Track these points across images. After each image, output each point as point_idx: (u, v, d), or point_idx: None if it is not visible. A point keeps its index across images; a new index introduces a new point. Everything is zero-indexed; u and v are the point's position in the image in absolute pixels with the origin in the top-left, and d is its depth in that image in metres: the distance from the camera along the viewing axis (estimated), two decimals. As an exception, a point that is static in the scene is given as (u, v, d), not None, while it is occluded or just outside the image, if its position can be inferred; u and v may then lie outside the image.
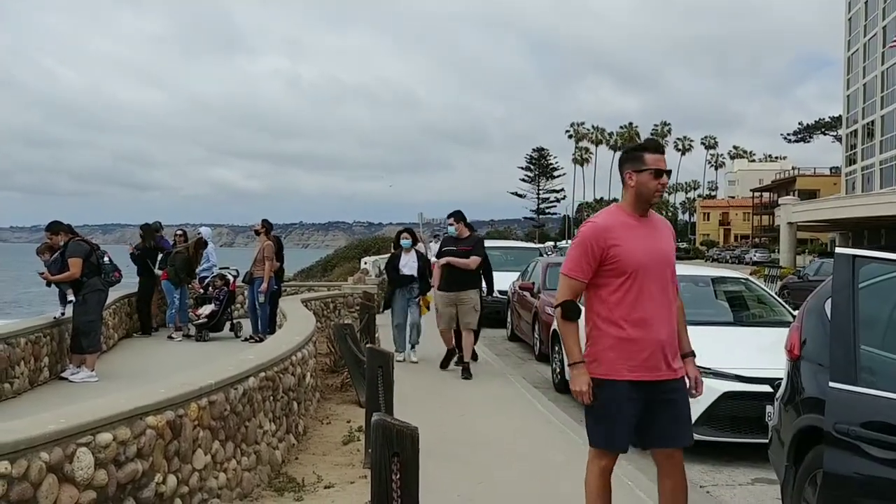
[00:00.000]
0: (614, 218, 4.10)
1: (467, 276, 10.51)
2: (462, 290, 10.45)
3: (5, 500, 3.36)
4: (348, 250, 45.64)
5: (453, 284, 10.46)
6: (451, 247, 10.71)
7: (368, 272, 23.56)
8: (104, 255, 9.92)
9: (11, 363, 8.82)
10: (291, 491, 5.58)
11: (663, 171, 4.05)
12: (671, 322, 4.09)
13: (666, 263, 4.08)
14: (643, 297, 4.00)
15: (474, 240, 10.89)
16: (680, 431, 4.13)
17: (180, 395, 4.71)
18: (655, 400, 4.04)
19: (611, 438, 4.15)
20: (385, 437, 3.29)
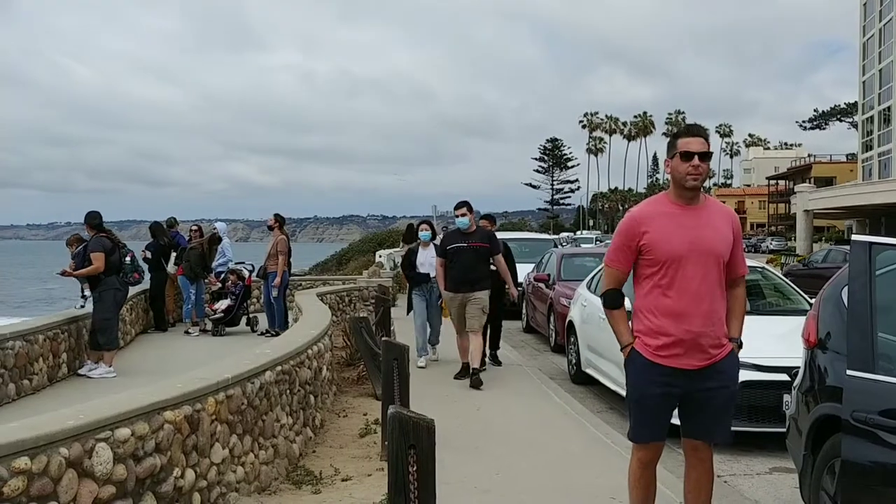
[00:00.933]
0: (654, 207, 4.07)
1: (478, 273, 9.35)
2: (471, 290, 9.32)
3: (26, 496, 3.39)
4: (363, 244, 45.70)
5: (462, 284, 9.33)
6: (458, 243, 9.39)
7: (383, 265, 23.61)
8: (128, 254, 9.94)
9: (30, 360, 8.89)
10: (309, 484, 5.60)
11: (693, 154, 3.92)
12: (713, 313, 3.97)
13: (709, 253, 3.93)
14: (678, 287, 3.94)
15: (487, 234, 9.70)
16: (710, 426, 4.09)
17: (197, 389, 4.74)
18: (694, 390, 4.01)
19: (641, 428, 4.17)
20: (401, 430, 3.30)
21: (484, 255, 9.43)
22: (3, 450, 3.33)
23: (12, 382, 8.46)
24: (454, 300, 9.44)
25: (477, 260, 9.36)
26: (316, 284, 18.94)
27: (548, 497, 5.31)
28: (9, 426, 3.66)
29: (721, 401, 4.05)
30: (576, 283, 11.51)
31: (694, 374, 3.98)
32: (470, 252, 9.34)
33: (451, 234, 9.78)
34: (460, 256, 9.33)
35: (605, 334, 8.87)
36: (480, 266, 9.39)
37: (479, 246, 9.40)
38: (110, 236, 10.00)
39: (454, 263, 9.36)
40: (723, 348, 4.02)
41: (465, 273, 9.30)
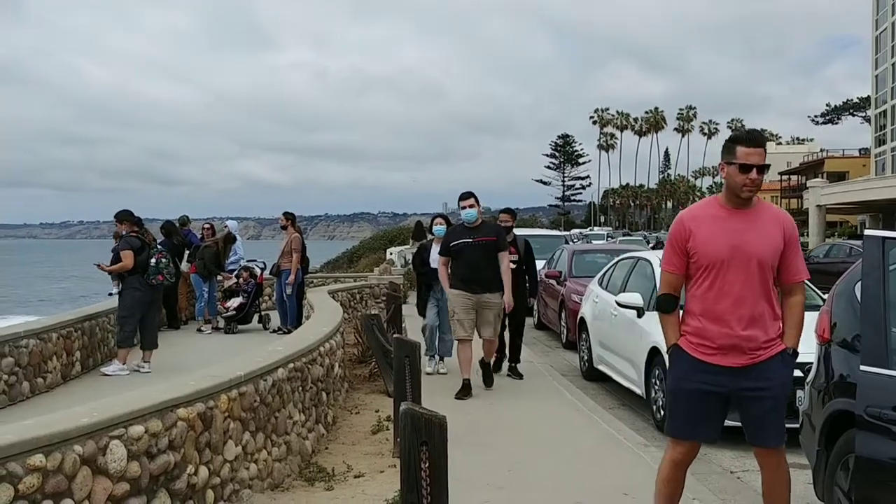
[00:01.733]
0: (703, 210, 4.13)
1: (489, 272, 8.39)
2: (482, 290, 8.39)
3: (41, 493, 3.41)
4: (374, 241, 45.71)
5: (475, 283, 8.37)
6: (463, 239, 8.47)
7: (394, 263, 23.63)
8: (155, 255, 9.92)
9: (44, 358, 8.94)
10: (322, 481, 5.62)
11: (752, 167, 3.92)
12: (755, 317, 3.96)
13: (751, 257, 3.94)
14: (719, 290, 3.98)
15: (494, 228, 8.86)
16: (759, 429, 4.05)
17: (210, 387, 4.76)
18: (738, 389, 4.01)
19: (673, 423, 4.19)
20: (413, 426, 3.31)
21: (493, 252, 8.47)
22: (18, 447, 3.34)
23: (26, 381, 8.51)
24: (460, 298, 8.40)
25: (485, 257, 8.41)
26: (327, 282, 18.98)
27: (560, 493, 5.31)
28: (23, 424, 3.68)
29: (766, 403, 4.00)
30: (587, 280, 11.50)
31: (737, 372, 3.98)
32: (476, 249, 8.40)
33: (455, 229, 8.85)
34: (466, 254, 8.43)
35: (616, 331, 8.87)
36: (490, 264, 8.41)
37: (486, 241, 8.44)
38: (140, 236, 10.03)
39: (459, 262, 8.49)
40: (767, 350, 3.99)
41: (471, 271, 8.38)
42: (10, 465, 3.29)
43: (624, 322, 8.51)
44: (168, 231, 14.28)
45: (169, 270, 10.01)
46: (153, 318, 10.24)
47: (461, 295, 8.41)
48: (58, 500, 3.49)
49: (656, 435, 7.27)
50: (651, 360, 7.65)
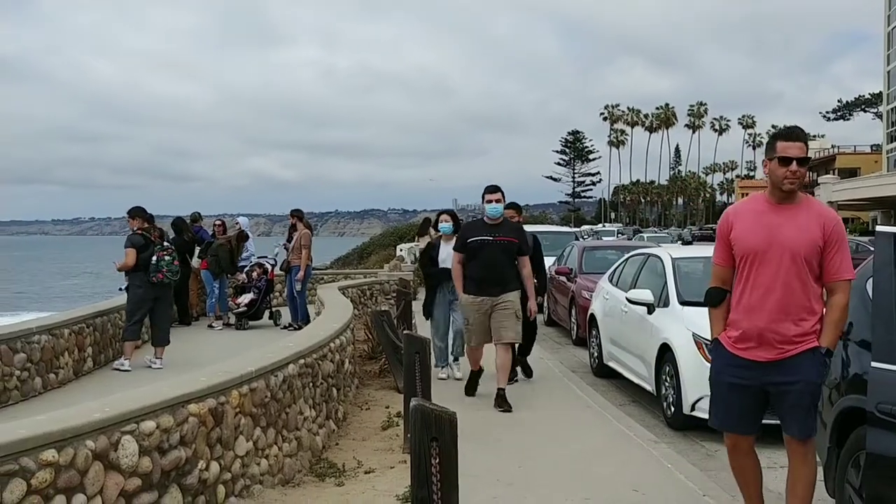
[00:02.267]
0: (747, 205, 4.30)
1: (506, 273, 7.82)
2: (499, 292, 7.76)
3: (53, 488, 3.43)
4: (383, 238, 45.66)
5: (487, 285, 7.75)
6: (482, 235, 7.84)
7: (404, 259, 23.63)
8: (157, 252, 9.93)
9: (56, 354, 8.99)
10: (332, 476, 5.64)
11: (791, 159, 4.05)
12: (784, 310, 4.06)
13: (785, 250, 4.04)
14: (752, 283, 4.13)
15: (516, 228, 8.18)
16: (788, 421, 4.14)
17: (221, 382, 4.77)
18: (767, 383, 4.12)
19: (714, 415, 4.40)
20: (424, 422, 3.31)
21: (512, 254, 7.90)
22: (31, 442, 3.37)
23: (38, 376, 8.56)
24: (474, 305, 7.81)
25: (504, 258, 7.84)
26: (337, 278, 19.00)
27: (570, 490, 5.31)
28: (36, 419, 3.70)
29: (791, 398, 4.08)
30: (597, 276, 11.48)
31: (767, 366, 4.10)
32: (496, 248, 7.80)
33: (474, 224, 8.21)
34: (484, 252, 7.78)
35: (627, 327, 8.86)
36: (508, 265, 7.87)
37: (508, 241, 7.84)
38: (146, 233, 10.05)
39: (475, 261, 7.82)
40: (798, 345, 4.06)
41: (490, 272, 7.75)
42: (23, 460, 3.32)
43: (634, 319, 8.50)
44: (178, 227, 14.31)
45: (171, 268, 9.99)
46: (163, 314, 10.25)
47: (473, 303, 7.81)
48: (70, 496, 3.52)
49: (667, 432, 7.27)
50: (661, 356, 7.64)
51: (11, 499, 3.24)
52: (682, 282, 8.12)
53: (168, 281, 10.06)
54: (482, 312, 7.77)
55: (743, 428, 4.28)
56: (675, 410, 7.26)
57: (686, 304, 7.66)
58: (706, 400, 6.81)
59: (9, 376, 8.02)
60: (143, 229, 10.07)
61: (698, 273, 8.69)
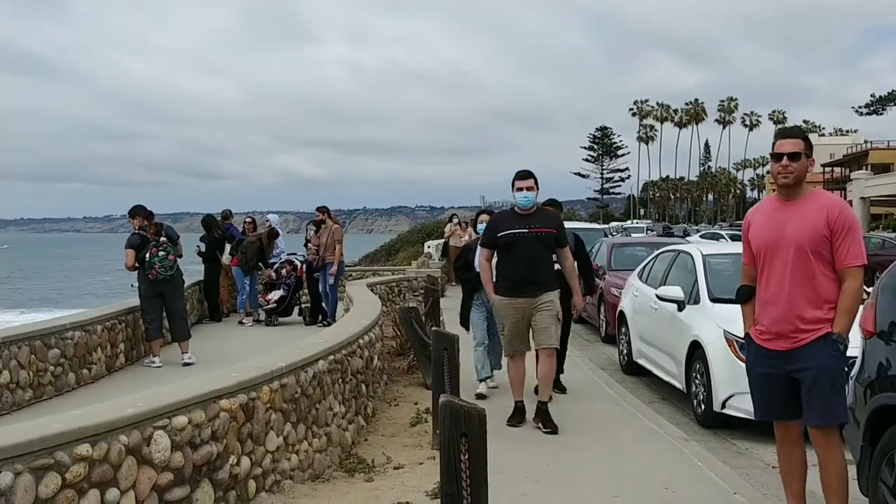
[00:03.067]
0: (763, 205, 4.56)
1: (544, 270, 6.84)
2: (539, 291, 6.78)
3: (87, 482, 3.48)
4: (411, 235, 45.74)
5: (522, 286, 6.76)
6: (514, 228, 6.82)
7: (432, 256, 23.66)
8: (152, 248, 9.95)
9: (89, 350, 9.10)
10: (362, 472, 5.66)
11: (782, 155, 4.27)
12: (794, 301, 4.22)
13: (791, 243, 4.22)
14: (766, 276, 4.35)
15: (552, 218, 7.10)
16: (806, 409, 4.25)
17: (252, 378, 4.81)
18: (789, 372, 4.28)
19: (755, 408, 4.59)
20: (453, 418, 3.31)
21: (549, 246, 6.90)
22: (66, 437, 3.42)
23: (72, 372, 8.67)
24: (509, 309, 6.81)
25: (542, 251, 6.85)
26: (366, 275, 19.07)
27: (600, 487, 5.29)
28: (70, 414, 3.76)
29: (809, 384, 4.21)
30: (627, 273, 11.42)
31: (785, 355, 4.28)
32: (531, 241, 6.77)
33: (503, 216, 7.20)
34: (517, 247, 6.78)
35: (656, 324, 8.81)
36: (546, 260, 6.88)
37: (544, 232, 6.82)
38: (143, 231, 10.11)
39: (508, 257, 6.85)
40: (810, 334, 4.21)
41: (526, 270, 6.74)
42: (58, 454, 3.37)
43: (664, 316, 8.45)
44: (208, 225, 14.44)
45: (164, 263, 9.95)
46: (175, 309, 10.30)
47: (509, 305, 6.79)
48: (103, 490, 3.56)
49: (697, 429, 7.22)
50: (691, 354, 7.59)
51: (47, 492, 3.29)
52: (712, 279, 8.06)
53: (163, 276, 9.99)
54: (520, 316, 6.77)
55: (784, 413, 4.39)
56: (706, 408, 7.21)
57: (716, 301, 7.60)
58: (737, 397, 6.79)
59: (43, 371, 8.14)
60: (142, 227, 10.15)
61: (729, 270, 8.62)
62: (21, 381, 7.76)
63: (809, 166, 4.32)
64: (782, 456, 4.53)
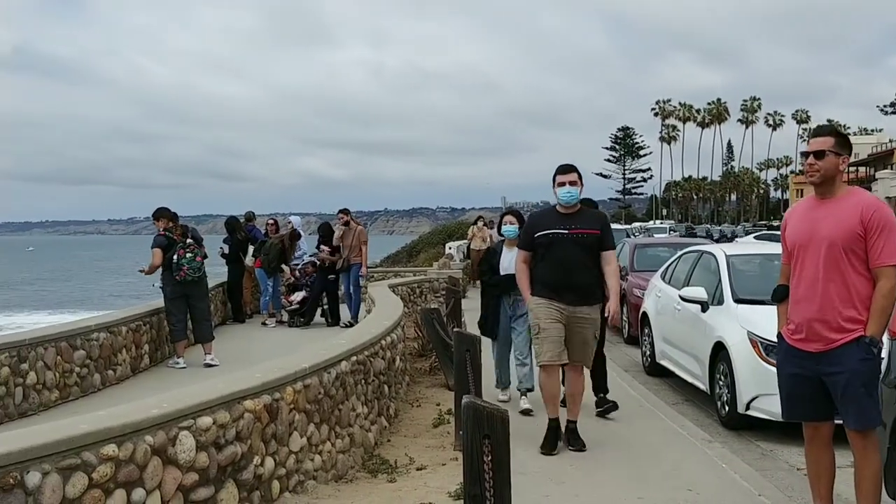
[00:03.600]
0: (800, 203, 4.51)
1: (587, 274, 6.12)
2: (580, 302, 6.10)
3: (113, 482, 3.51)
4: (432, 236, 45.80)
5: (568, 291, 6.07)
6: (554, 228, 6.14)
7: (453, 257, 23.67)
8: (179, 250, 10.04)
9: (114, 351, 9.18)
10: (384, 472, 5.67)
11: (808, 153, 4.26)
12: (828, 301, 4.15)
13: (822, 242, 4.17)
14: (798, 274, 4.31)
15: (598, 218, 6.43)
16: (842, 411, 4.18)
17: (276, 379, 4.84)
18: (820, 374, 4.20)
19: (783, 407, 4.49)
20: (476, 420, 3.31)
21: (592, 249, 6.16)
22: (92, 437, 3.45)
23: (97, 373, 8.75)
24: (547, 308, 6.11)
25: (583, 255, 6.12)
26: (387, 276, 19.10)
27: (622, 489, 5.27)
28: (96, 414, 3.80)
29: (841, 387, 4.13)
30: (649, 274, 11.37)
31: (817, 356, 4.20)
32: (572, 244, 6.09)
33: (543, 214, 6.50)
34: (557, 250, 6.10)
35: (680, 325, 8.76)
36: (587, 265, 6.14)
37: (586, 234, 6.13)
38: (169, 232, 10.19)
39: (546, 261, 6.15)
40: (844, 336, 4.13)
41: (566, 275, 6.06)
42: (85, 454, 3.40)
43: (688, 317, 8.40)
44: (231, 227, 14.52)
45: (192, 265, 10.03)
46: (200, 311, 10.37)
47: (548, 304, 6.12)
48: (129, 490, 3.60)
49: (720, 430, 7.17)
50: (715, 355, 7.54)
51: (74, 492, 3.33)
52: (736, 279, 8.00)
53: (191, 278, 10.08)
54: (557, 316, 6.09)
55: (814, 414, 4.31)
56: (730, 409, 7.16)
57: (741, 302, 7.55)
58: (761, 399, 6.75)
59: (69, 373, 8.21)
60: (168, 229, 10.21)
61: (753, 270, 8.56)
62: (48, 382, 7.84)
63: (842, 164, 4.23)
64: (811, 458, 4.45)
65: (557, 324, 6.08)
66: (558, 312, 6.09)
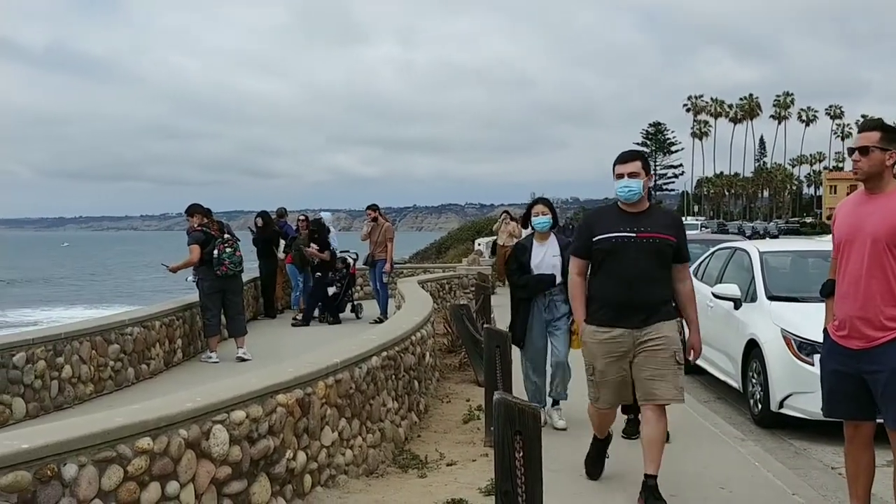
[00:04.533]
0: (850, 198, 4.43)
1: (658, 288, 4.89)
2: (650, 320, 4.83)
3: (148, 475, 3.55)
4: (461, 232, 45.83)
5: (628, 311, 4.82)
6: (618, 231, 4.85)
7: (482, 253, 23.65)
8: (218, 246, 10.13)
9: (147, 345, 9.28)
10: (415, 468, 5.68)
11: (853, 149, 4.20)
12: (871, 297, 4.07)
13: (868, 237, 4.09)
14: (843, 270, 4.23)
15: (672, 220, 5.13)
16: (882, 409, 4.11)
17: (308, 373, 4.86)
18: (861, 372, 4.14)
19: (824, 404, 4.41)
20: (507, 416, 3.32)
21: (665, 258, 4.88)
22: (128, 430, 3.49)
23: (131, 367, 8.85)
24: (602, 345, 4.87)
25: (656, 267, 4.84)
26: (416, 272, 19.13)
27: (654, 486, 5.23)
28: (131, 408, 3.84)
29: (881, 386, 4.06)
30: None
31: (859, 354, 4.12)
32: (640, 250, 4.80)
33: (603, 213, 5.16)
34: (619, 259, 4.83)
35: (712, 323, 8.69)
36: (660, 277, 4.88)
37: (659, 239, 4.84)
38: (206, 228, 10.27)
39: (605, 272, 4.89)
40: (886, 333, 4.05)
41: (631, 290, 4.78)
42: (120, 447, 3.44)
43: (720, 314, 8.33)
44: (264, 222, 14.62)
45: (233, 259, 10.14)
46: (235, 306, 10.45)
47: (602, 340, 4.84)
48: (164, 483, 3.63)
49: (753, 429, 7.11)
50: (748, 352, 7.48)
51: (109, 484, 3.37)
52: (769, 276, 7.93)
53: (232, 273, 10.20)
54: (618, 354, 4.82)
55: (855, 412, 4.22)
56: (763, 407, 7.10)
57: (774, 300, 7.48)
58: (794, 397, 6.69)
59: (103, 366, 8.32)
60: (203, 225, 10.29)
61: (786, 267, 8.48)
62: (82, 376, 7.94)
63: (888, 159, 4.11)
64: (850, 457, 4.36)
65: (618, 363, 4.82)
66: (620, 344, 4.80)
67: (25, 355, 7.19)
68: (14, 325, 31.19)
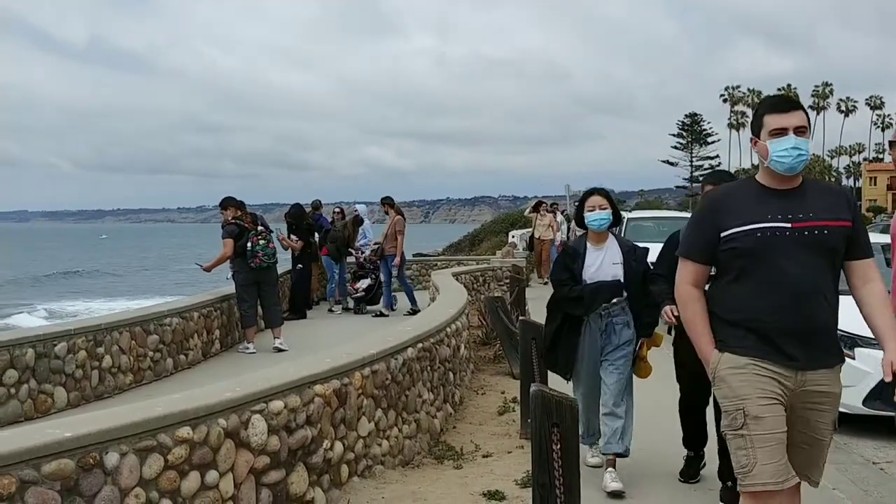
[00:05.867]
0: None
1: (827, 307, 3.22)
2: (820, 362, 3.21)
3: (188, 464, 3.59)
4: (495, 224, 45.74)
5: (798, 338, 3.17)
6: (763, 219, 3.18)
7: (516, 245, 23.58)
8: (252, 238, 10.19)
9: (186, 336, 9.38)
10: (450, 459, 5.69)
11: (893, 142, 4.11)
12: None
13: None
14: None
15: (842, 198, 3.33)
16: None
17: (345, 364, 4.89)
18: None
19: None
20: (544, 408, 3.31)
21: (837, 256, 3.27)
22: (168, 420, 3.53)
23: (170, 357, 8.96)
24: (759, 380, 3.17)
25: (824, 269, 3.22)
26: (450, 264, 19.13)
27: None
28: (171, 397, 3.88)
29: None
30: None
31: None
32: (799, 245, 3.18)
33: (735, 192, 3.40)
34: (776, 260, 3.19)
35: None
36: (829, 285, 3.26)
37: (828, 227, 3.20)
38: (239, 221, 10.34)
39: (749, 280, 3.24)
40: None
41: (793, 308, 3.16)
42: (161, 436, 3.48)
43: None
44: (298, 214, 14.69)
45: (266, 251, 10.20)
46: (270, 297, 10.53)
47: (758, 369, 3.19)
48: (203, 472, 3.67)
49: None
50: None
51: (150, 472, 3.42)
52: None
53: (266, 264, 10.25)
54: (777, 395, 3.19)
55: None
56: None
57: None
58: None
59: (143, 357, 8.43)
60: (237, 217, 10.36)
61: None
62: (122, 366, 8.06)
63: None
64: None
65: (778, 406, 3.17)
66: (778, 385, 3.18)
67: (67, 345, 7.31)
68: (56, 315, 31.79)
